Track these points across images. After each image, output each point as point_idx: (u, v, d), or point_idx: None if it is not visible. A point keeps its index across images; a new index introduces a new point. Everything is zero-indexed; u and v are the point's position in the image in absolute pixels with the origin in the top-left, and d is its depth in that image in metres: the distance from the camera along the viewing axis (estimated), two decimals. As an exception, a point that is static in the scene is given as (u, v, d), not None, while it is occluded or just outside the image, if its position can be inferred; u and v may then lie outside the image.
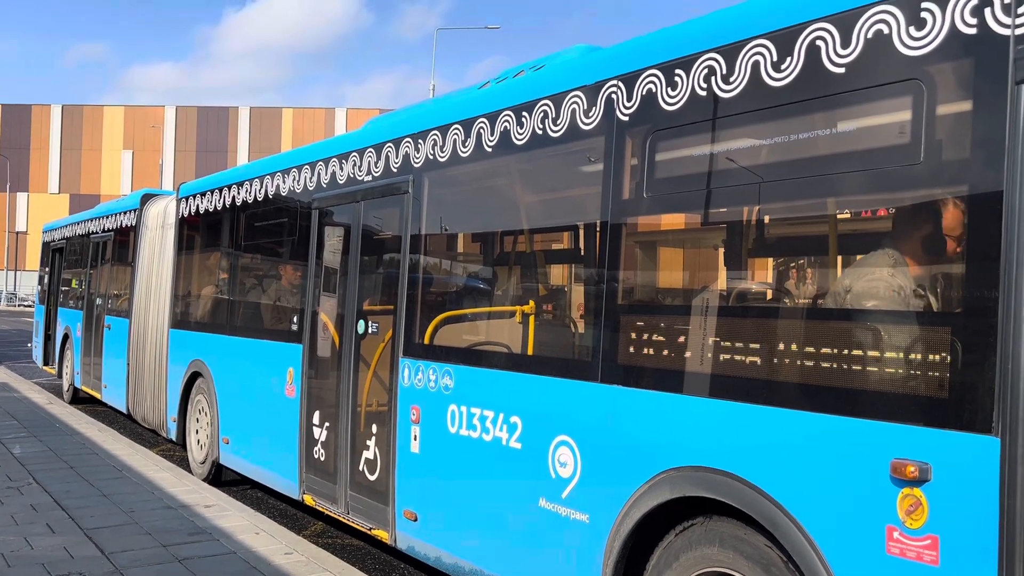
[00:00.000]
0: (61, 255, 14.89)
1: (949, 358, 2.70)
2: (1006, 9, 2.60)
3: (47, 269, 15.79)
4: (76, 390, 13.06)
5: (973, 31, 2.68)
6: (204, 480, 8.00)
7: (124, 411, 10.81)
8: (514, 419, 4.38)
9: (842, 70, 3.04)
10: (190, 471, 8.38)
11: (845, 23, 3.04)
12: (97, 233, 12.57)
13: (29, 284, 56.00)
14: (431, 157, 5.24)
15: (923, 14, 2.81)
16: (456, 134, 5.01)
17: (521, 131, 4.53)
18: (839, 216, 3.57)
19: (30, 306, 52.94)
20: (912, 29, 2.84)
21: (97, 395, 11.95)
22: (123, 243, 11.43)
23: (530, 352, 4.66)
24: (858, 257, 3.49)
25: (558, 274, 5.32)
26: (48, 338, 15.27)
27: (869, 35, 2.96)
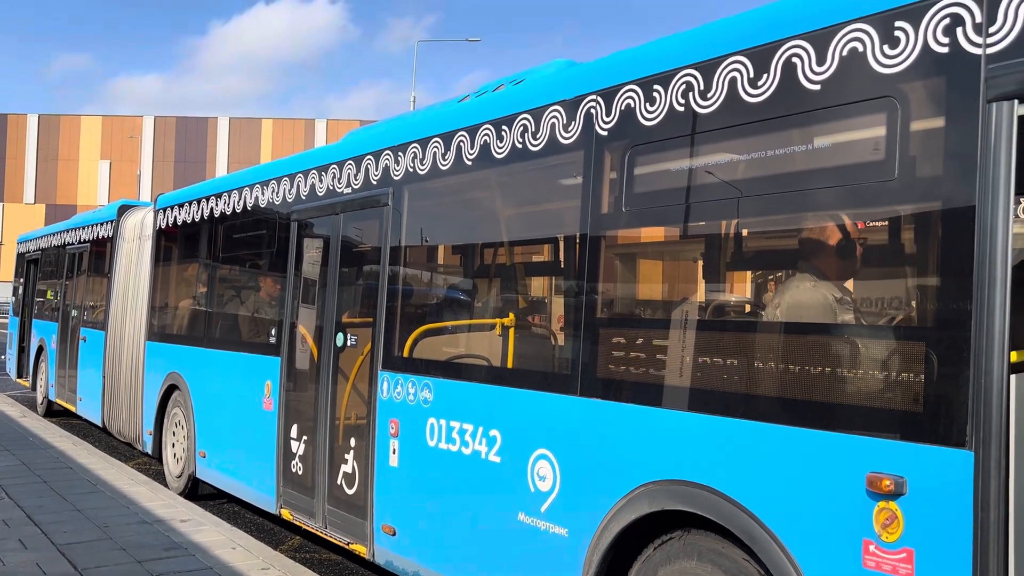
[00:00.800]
0: (36, 266, 14.73)
1: (924, 372, 2.73)
2: (977, 29, 2.64)
3: (22, 280, 15.61)
4: (50, 403, 12.90)
5: (945, 50, 2.72)
6: (180, 494, 7.92)
7: (99, 424, 10.69)
8: (493, 432, 4.38)
9: (818, 87, 3.08)
10: (166, 485, 8.29)
11: (820, 41, 3.07)
12: (73, 244, 12.46)
13: (3, 295, 55.35)
14: (411, 170, 5.24)
15: (897, 33, 2.85)
16: (436, 147, 5.02)
17: (501, 144, 4.54)
18: (816, 230, 3.61)
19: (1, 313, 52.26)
20: (886, 47, 2.88)
21: (72, 408, 11.80)
22: (99, 254, 11.32)
23: (510, 365, 4.66)
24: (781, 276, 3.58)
25: (538, 287, 5.33)
26: (22, 350, 15.08)
27: (844, 53, 3.00)
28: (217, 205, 7.91)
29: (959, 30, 2.68)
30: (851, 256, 3.32)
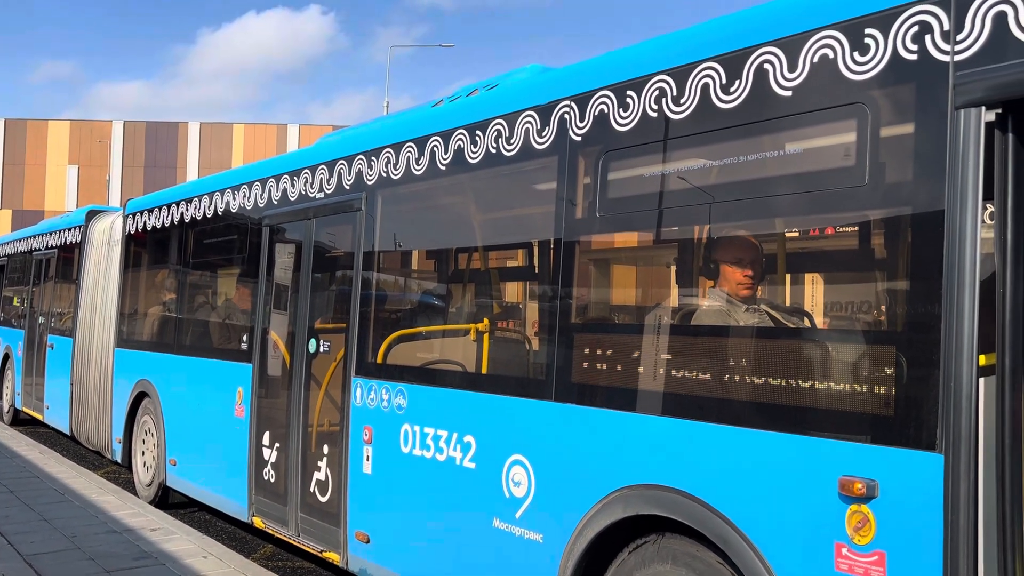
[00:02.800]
0: (2, 273, 14.50)
1: (894, 376, 2.76)
2: (945, 36, 2.68)
3: (-13, 287, 15.36)
4: (16, 411, 12.70)
5: (914, 57, 2.75)
6: (150, 503, 7.82)
7: (67, 432, 10.53)
8: (468, 438, 4.36)
9: (789, 93, 3.11)
10: (136, 494, 8.18)
11: (792, 47, 3.10)
12: (40, 250, 12.28)
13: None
14: (384, 174, 5.22)
15: (866, 40, 2.88)
16: (410, 152, 5.00)
17: (475, 150, 4.53)
18: (787, 235, 3.64)
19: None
20: (856, 54, 2.91)
21: (39, 416, 11.62)
22: (67, 260, 11.17)
23: (484, 370, 4.65)
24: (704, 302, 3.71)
25: (512, 292, 5.33)
26: (-13, 358, 14.84)
27: (815, 59, 3.03)
28: (188, 210, 7.83)
29: (927, 37, 2.72)
30: (821, 261, 3.36)
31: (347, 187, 5.57)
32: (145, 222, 8.73)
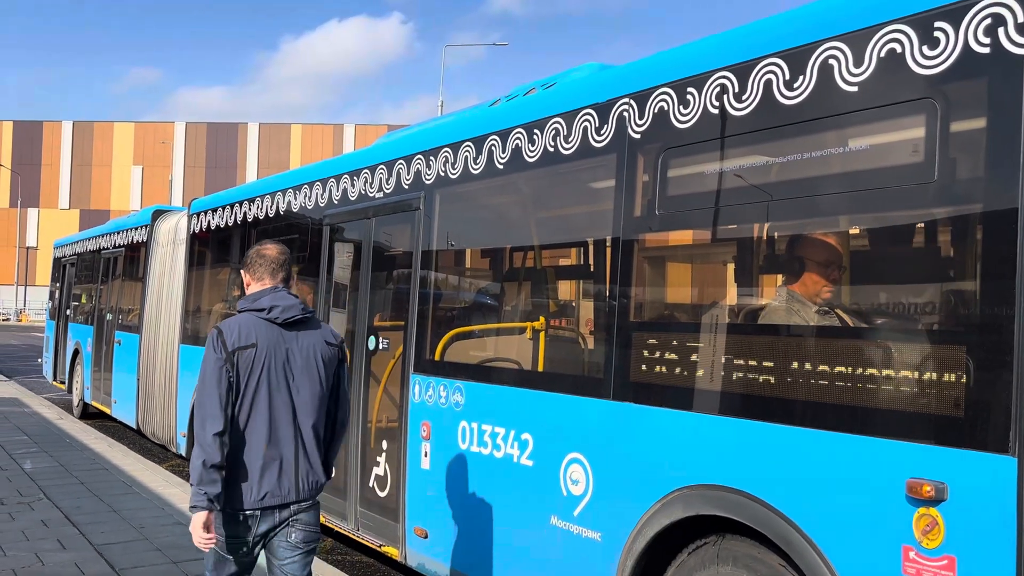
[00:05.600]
0: (72, 270, 14.96)
1: (964, 377, 2.69)
2: (1019, 29, 2.60)
3: (58, 284, 15.86)
4: (86, 405, 13.09)
5: (987, 50, 2.68)
6: (213, 496, 7.98)
7: (133, 426, 10.83)
8: (525, 436, 4.38)
9: (855, 88, 3.05)
10: (199, 487, 8.37)
11: (858, 42, 3.05)
12: (108, 249, 12.64)
13: (39, 299, 56.26)
14: (442, 174, 5.26)
15: (936, 33, 2.82)
16: (468, 151, 5.04)
17: (532, 148, 4.54)
18: (852, 233, 3.57)
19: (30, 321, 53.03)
20: (925, 48, 2.84)
21: (107, 410, 11.97)
22: (134, 259, 11.48)
23: (541, 369, 4.66)
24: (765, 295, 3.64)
25: (569, 290, 5.32)
26: (58, 353, 15.32)
27: (882, 54, 2.97)
28: (250, 209, 7.98)
29: (1000, 30, 2.65)
30: (889, 260, 3.29)
31: (406, 186, 5.63)
32: (209, 221, 8.93)
